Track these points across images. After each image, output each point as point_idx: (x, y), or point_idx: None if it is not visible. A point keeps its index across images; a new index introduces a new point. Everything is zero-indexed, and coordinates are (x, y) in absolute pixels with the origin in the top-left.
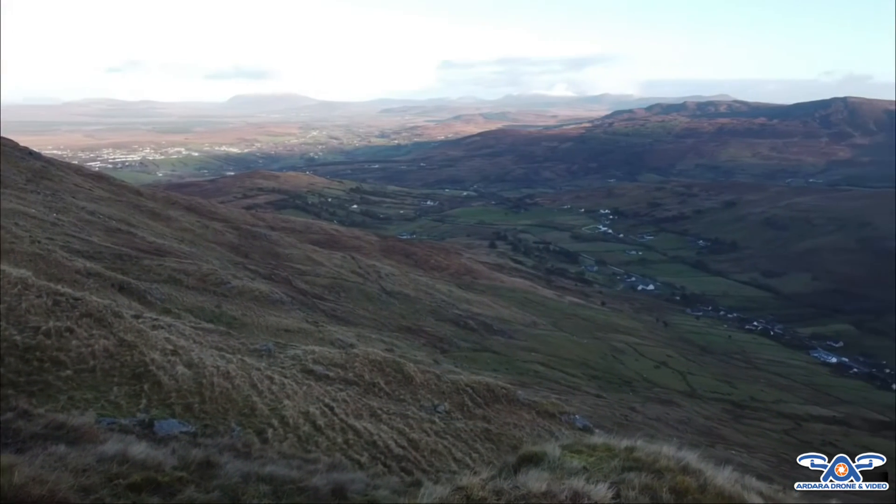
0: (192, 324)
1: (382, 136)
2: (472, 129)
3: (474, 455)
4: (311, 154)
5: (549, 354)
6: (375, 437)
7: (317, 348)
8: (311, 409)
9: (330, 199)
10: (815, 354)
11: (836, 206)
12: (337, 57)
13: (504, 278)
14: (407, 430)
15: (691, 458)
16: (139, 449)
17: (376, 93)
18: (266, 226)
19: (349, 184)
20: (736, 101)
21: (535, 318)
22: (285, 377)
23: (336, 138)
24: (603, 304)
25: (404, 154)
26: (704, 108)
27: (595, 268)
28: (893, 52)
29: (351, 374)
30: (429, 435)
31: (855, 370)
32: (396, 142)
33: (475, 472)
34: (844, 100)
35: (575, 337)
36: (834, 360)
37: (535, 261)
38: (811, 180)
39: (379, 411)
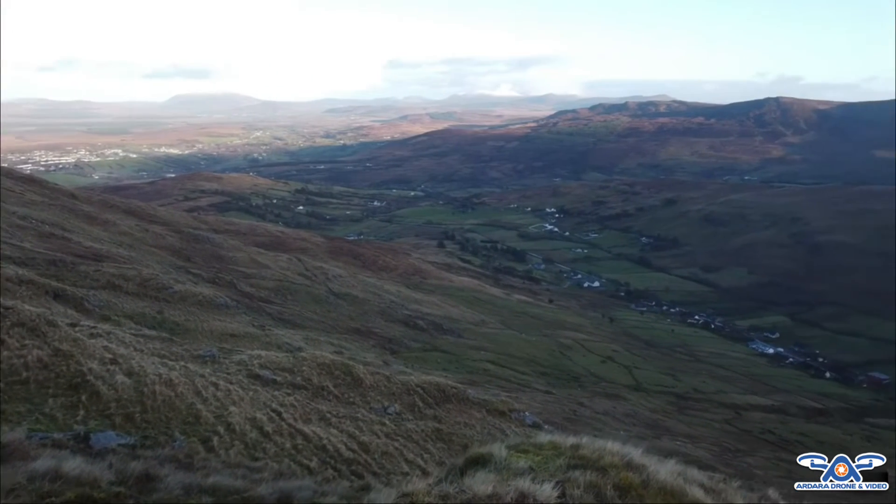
0: (133, 331)
1: (328, 136)
2: (419, 129)
3: (426, 456)
4: (255, 155)
5: (498, 352)
6: (325, 442)
7: (263, 353)
8: (259, 415)
9: (275, 201)
10: (753, 346)
11: (770, 203)
12: (280, 56)
13: (453, 278)
14: (357, 432)
15: (635, 453)
16: (73, 464)
17: (321, 92)
18: (209, 228)
19: (294, 185)
20: (675, 101)
21: (484, 316)
22: (231, 383)
23: (280, 139)
24: (550, 301)
25: (350, 154)
26: (645, 108)
27: (542, 266)
28: (822, 54)
29: (299, 378)
30: (379, 437)
31: (790, 360)
32: (342, 142)
33: (421, 477)
34: (777, 100)
35: (524, 335)
36: (771, 350)
37: (483, 260)
38: (746, 178)
39: (328, 415)
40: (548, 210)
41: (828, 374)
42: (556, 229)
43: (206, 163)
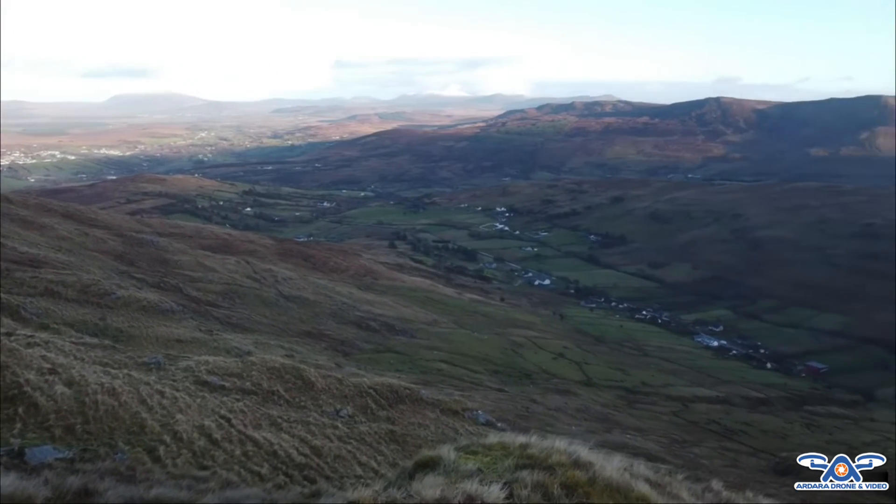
0: (74, 339)
1: (275, 136)
2: (368, 129)
3: (379, 458)
4: (200, 156)
5: (451, 352)
6: (276, 447)
7: (211, 358)
8: (207, 423)
9: (221, 203)
10: (699, 339)
11: (712, 200)
12: (225, 54)
13: (405, 278)
14: (309, 437)
15: (582, 451)
16: (7, 482)
17: (268, 92)
18: (153, 232)
19: (241, 186)
20: (621, 101)
21: (436, 316)
22: (177, 390)
23: (226, 139)
24: (502, 299)
25: (298, 155)
26: (592, 108)
27: (493, 265)
28: (759, 56)
29: (248, 384)
30: (332, 441)
31: (734, 352)
32: (290, 142)
33: (369, 483)
34: (717, 100)
35: (476, 333)
36: (715, 343)
37: (434, 259)
38: (690, 176)
39: (279, 420)
40: (498, 209)
41: (769, 365)
42: (506, 228)
43: (149, 164)
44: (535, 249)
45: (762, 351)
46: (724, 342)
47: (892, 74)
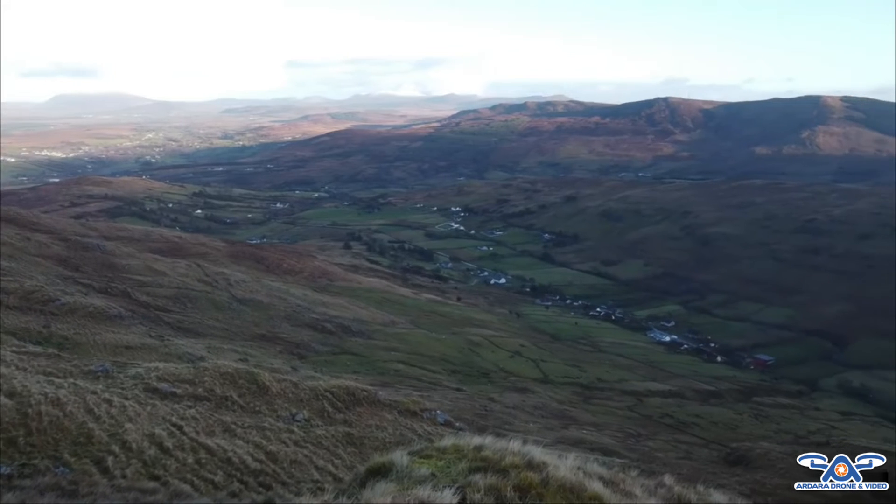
0: (15, 348)
1: (226, 137)
2: (321, 130)
3: (337, 461)
4: (148, 157)
5: (409, 352)
6: (230, 454)
7: (161, 364)
8: (158, 431)
9: (171, 205)
10: (651, 334)
11: (663, 198)
12: (173, 53)
13: (361, 279)
14: (264, 442)
15: (536, 452)
16: None
17: (218, 92)
18: (99, 235)
19: (191, 188)
20: (572, 101)
21: (393, 317)
22: (126, 399)
23: (175, 140)
24: (459, 299)
25: (250, 155)
26: (544, 108)
27: (450, 264)
28: (706, 57)
29: (201, 390)
30: (288, 445)
31: (685, 346)
32: (241, 143)
33: (318, 493)
34: (666, 100)
35: (433, 333)
36: (667, 338)
37: (390, 260)
38: (640, 174)
39: (233, 426)
40: (453, 209)
41: (719, 359)
42: (461, 228)
43: (94, 166)
44: (491, 249)
45: (712, 345)
46: (675, 337)
47: (830, 75)
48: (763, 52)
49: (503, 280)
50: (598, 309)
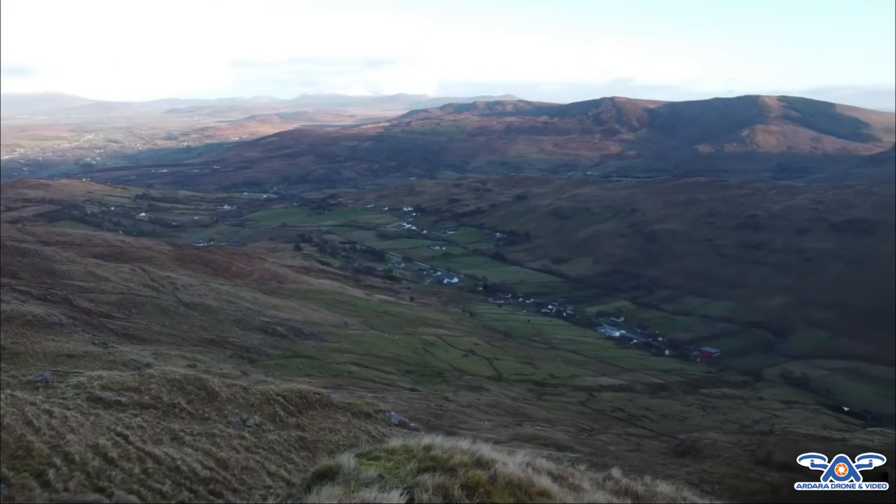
0: None
1: (170, 137)
2: (269, 130)
3: (290, 466)
4: (88, 159)
5: (362, 354)
6: (178, 462)
7: (105, 373)
8: (102, 441)
9: (113, 208)
10: (602, 330)
11: (610, 196)
12: (113, 52)
13: (312, 281)
14: (214, 449)
15: (485, 449)
16: None
17: (160, 92)
18: (37, 240)
19: (135, 190)
20: (521, 101)
21: (346, 318)
22: (68, 409)
23: (116, 141)
24: (412, 299)
25: (195, 156)
26: (493, 108)
27: (402, 265)
28: (650, 57)
29: (147, 397)
30: (239, 452)
31: (635, 341)
32: (186, 144)
33: (261, 499)
34: (612, 99)
35: (387, 334)
36: (617, 334)
37: (342, 261)
38: (589, 173)
39: (181, 433)
40: (405, 209)
41: (667, 352)
42: (413, 228)
43: (31, 169)
44: (443, 248)
45: (660, 339)
46: (625, 332)
47: (769, 76)
48: (706, 52)
49: (456, 279)
50: (550, 306)
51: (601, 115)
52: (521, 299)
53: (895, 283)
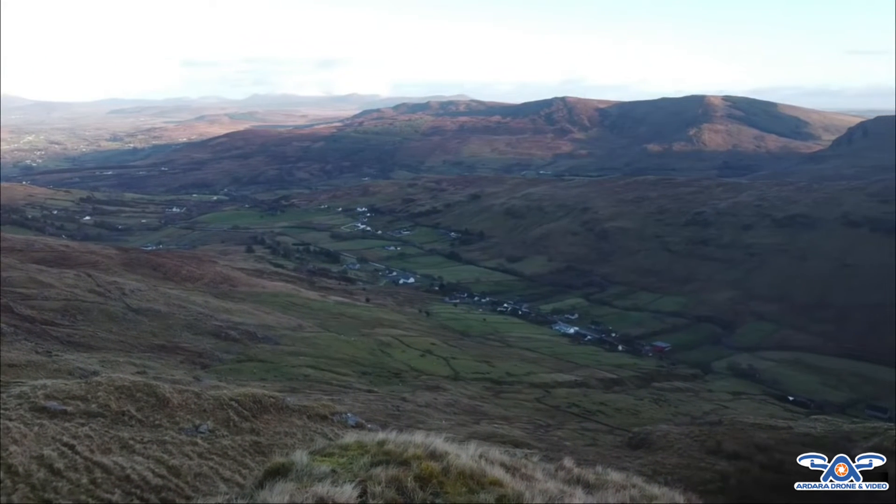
0: None
1: (115, 139)
2: (218, 130)
3: (244, 471)
4: (28, 161)
5: (318, 356)
6: (129, 471)
7: (50, 381)
8: (47, 452)
9: (55, 212)
10: (557, 327)
11: (563, 195)
12: (53, 50)
13: (265, 283)
14: (166, 457)
15: (438, 442)
16: None
17: (104, 92)
18: None
19: (78, 193)
20: (474, 101)
21: (300, 321)
22: (10, 420)
23: (58, 143)
24: (367, 300)
25: (142, 158)
26: (447, 108)
27: (357, 265)
28: (599, 58)
29: (94, 406)
30: (191, 458)
31: (588, 337)
32: (132, 145)
33: (210, 496)
34: (563, 99)
35: (343, 336)
36: (571, 330)
37: (296, 263)
38: (541, 172)
39: (131, 442)
40: (359, 209)
41: (620, 347)
42: (368, 228)
43: None
44: (398, 248)
45: (613, 335)
46: (579, 329)
47: (713, 76)
48: (655, 53)
49: (412, 279)
50: (505, 304)
51: (553, 115)
52: (476, 298)
53: (835, 276)
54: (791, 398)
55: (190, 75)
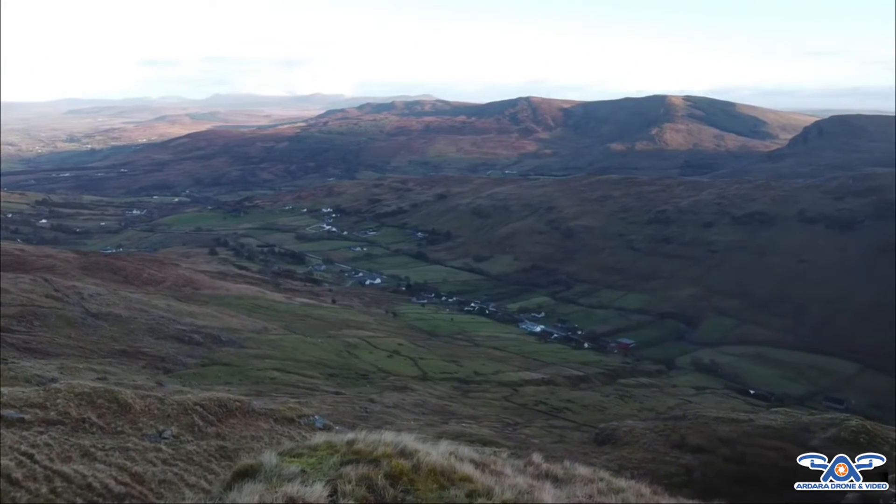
0: None
1: (72, 140)
2: (179, 131)
3: (210, 476)
4: None
5: (284, 359)
6: (90, 479)
7: (6, 389)
8: (5, 462)
9: (10, 215)
10: (523, 326)
11: (528, 194)
12: (7, 48)
13: (229, 286)
14: (129, 464)
15: (408, 440)
16: None
17: (60, 91)
18: None
19: (34, 196)
20: (439, 101)
21: (266, 323)
22: None
23: (12, 144)
24: (333, 301)
25: (101, 159)
26: (412, 107)
27: (323, 267)
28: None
29: (53, 413)
30: (156, 465)
31: (555, 335)
32: (90, 146)
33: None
34: (528, 99)
35: (309, 338)
36: (538, 329)
37: (260, 265)
38: (507, 172)
39: (92, 449)
40: (324, 210)
41: (586, 345)
42: (333, 229)
43: None
44: (365, 249)
45: (579, 332)
46: (545, 327)
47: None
48: (616, 53)
49: (378, 280)
50: (473, 304)
51: (518, 115)
52: (444, 298)
53: (793, 271)
54: (752, 391)
55: (150, 75)
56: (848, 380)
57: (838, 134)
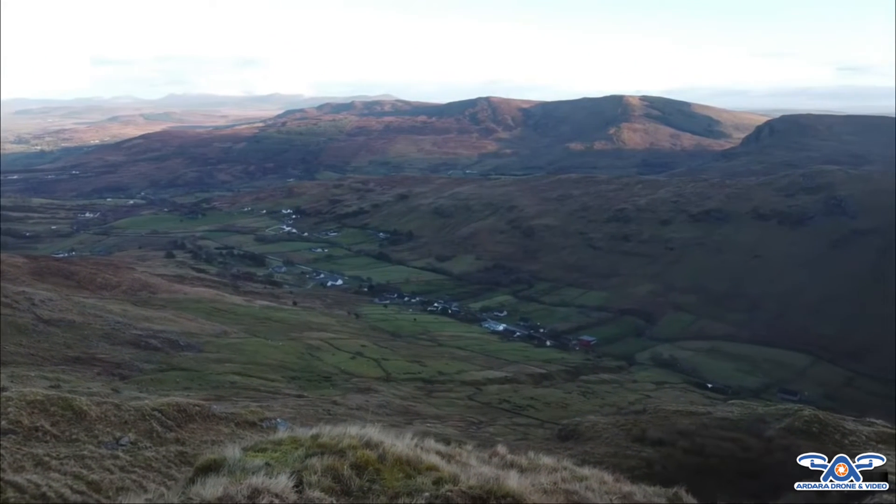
0: None
1: (20, 141)
2: (133, 132)
3: (170, 482)
4: None
5: (244, 362)
6: (45, 489)
7: None
8: None
9: None
10: (486, 325)
11: (489, 194)
12: None
13: (187, 289)
14: (85, 472)
15: (373, 432)
16: None
17: (7, 91)
18: None
19: None
20: (399, 101)
21: (225, 327)
22: None
23: None
24: (295, 303)
25: (50, 161)
26: (371, 108)
27: (283, 268)
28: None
29: (4, 422)
30: (113, 472)
31: (518, 334)
32: (39, 148)
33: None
34: (488, 99)
35: (270, 341)
36: (501, 328)
37: (219, 267)
38: (468, 171)
39: (46, 458)
40: (284, 211)
41: (548, 343)
42: (294, 230)
43: None
44: (326, 250)
45: (542, 330)
46: (508, 326)
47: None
48: (574, 54)
49: (340, 281)
50: (436, 304)
51: (478, 115)
52: (406, 298)
53: (747, 267)
54: (710, 385)
55: (101, 74)
56: (801, 372)
57: (789, 133)
